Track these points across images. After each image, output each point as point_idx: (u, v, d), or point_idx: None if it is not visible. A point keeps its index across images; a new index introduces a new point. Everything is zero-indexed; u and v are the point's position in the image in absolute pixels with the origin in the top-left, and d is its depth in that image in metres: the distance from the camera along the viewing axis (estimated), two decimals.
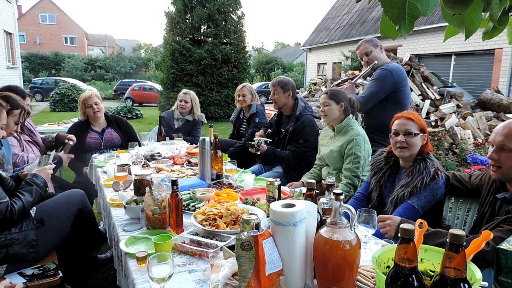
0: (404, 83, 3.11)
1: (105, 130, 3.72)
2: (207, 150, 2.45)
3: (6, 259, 1.96)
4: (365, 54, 3.21)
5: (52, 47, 38.08)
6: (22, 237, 2.01)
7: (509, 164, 1.61)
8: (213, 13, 12.85)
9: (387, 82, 3.03)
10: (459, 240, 0.85)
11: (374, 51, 3.17)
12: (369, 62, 3.20)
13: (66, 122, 6.13)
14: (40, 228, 2.09)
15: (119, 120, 3.88)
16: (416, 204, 1.92)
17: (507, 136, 1.60)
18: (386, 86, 3.04)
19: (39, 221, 2.09)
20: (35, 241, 2.06)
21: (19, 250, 1.99)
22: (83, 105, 3.61)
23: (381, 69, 3.09)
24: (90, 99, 3.60)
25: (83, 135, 3.61)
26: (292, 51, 43.23)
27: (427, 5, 0.90)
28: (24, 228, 2.04)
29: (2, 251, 1.95)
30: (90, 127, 3.68)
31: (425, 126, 2.03)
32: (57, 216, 2.18)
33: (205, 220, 1.69)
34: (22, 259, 2.02)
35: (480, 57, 11.95)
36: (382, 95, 3.05)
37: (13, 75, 15.85)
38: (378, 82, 3.06)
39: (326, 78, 12.17)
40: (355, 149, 2.63)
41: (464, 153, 6.10)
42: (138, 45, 57.27)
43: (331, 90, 2.86)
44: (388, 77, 3.03)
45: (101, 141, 3.66)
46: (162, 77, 13.65)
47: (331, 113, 2.79)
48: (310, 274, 1.22)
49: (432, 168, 1.94)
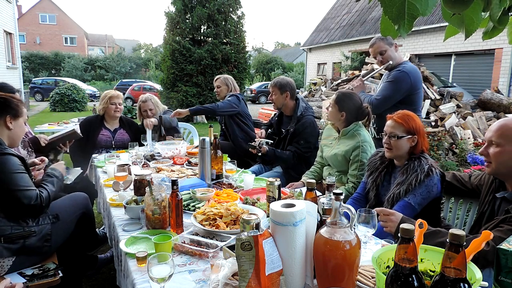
0: (419, 85, 2.97)
1: (118, 130, 3.75)
2: (207, 150, 2.45)
3: (22, 251, 1.99)
4: (379, 53, 3.03)
5: (52, 47, 38.07)
6: (38, 230, 2.06)
7: (498, 159, 1.62)
8: (213, 13, 12.85)
9: (404, 85, 2.89)
10: (459, 240, 0.85)
11: (389, 50, 3.00)
12: (383, 62, 3.03)
13: (66, 122, 6.14)
14: (55, 223, 2.14)
15: (131, 122, 3.93)
16: (412, 201, 1.93)
17: (495, 131, 1.63)
18: (402, 90, 2.90)
19: (55, 216, 2.15)
20: (49, 235, 2.10)
21: (35, 243, 2.03)
22: (108, 100, 3.63)
23: (397, 71, 2.94)
24: (117, 98, 3.67)
25: (96, 131, 3.63)
26: (292, 51, 43.24)
27: (426, 5, 0.90)
28: (41, 222, 2.09)
29: (20, 241, 1.98)
30: (103, 124, 3.71)
31: (416, 127, 2.01)
32: (66, 215, 2.23)
33: (205, 220, 1.69)
34: (36, 252, 2.06)
35: (480, 57, 11.95)
36: (397, 98, 2.91)
37: (13, 75, 15.85)
38: (394, 85, 2.92)
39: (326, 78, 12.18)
40: (362, 156, 2.61)
41: (464, 153, 6.11)
42: (138, 45, 57.31)
43: (341, 94, 2.75)
44: (405, 79, 2.88)
45: (112, 139, 3.68)
46: (162, 77, 13.65)
47: (331, 117, 2.79)
48: (310, 274, 1.22)
49: (426, 165, 1.95)
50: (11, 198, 1.93)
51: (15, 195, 1.93)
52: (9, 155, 1.99)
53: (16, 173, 1.96)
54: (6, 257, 1.94)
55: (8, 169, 1.94)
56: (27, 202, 1.95)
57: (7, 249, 1.94)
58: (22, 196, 1.94)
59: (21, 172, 2.00)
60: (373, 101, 2.94)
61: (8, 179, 1.93)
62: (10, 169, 1.95)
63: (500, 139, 1.61)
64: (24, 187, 1.96)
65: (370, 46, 3.11)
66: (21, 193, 1.94)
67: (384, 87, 2.99)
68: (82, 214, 2.36)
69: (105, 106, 3.66)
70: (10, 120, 2.13)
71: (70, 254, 2.32)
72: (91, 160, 3.31)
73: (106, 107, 3.66)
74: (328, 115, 2.80)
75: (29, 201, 1.95)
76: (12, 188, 1.92)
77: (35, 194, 1.99)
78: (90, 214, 2.47)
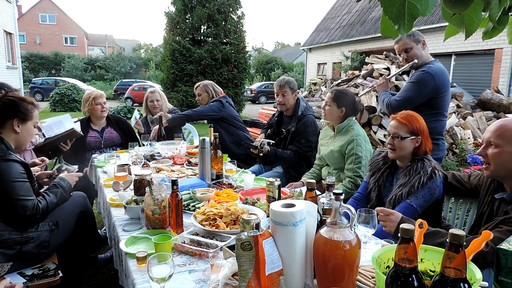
0: (445, 88, 2.71)
1: (105, 129, 3.72)
2: (207, 150, 2.45)
3: (17, 257, 1.98)
4: (404, 51, 2.78)
5: (52, 47, 38.06)
6: (36, 236, 2.04)
7: (496, 160, 1.61)
8: (213, 13, 12.85)
9: (426, 88, 2.65)
10: (459, 240, 0.85)
11: (415, 47, 2.75)
12: (408, 60, 2.79)
13: None
14: (54, 230, 2.11)
15: (118, 119, 3.88)
16: (414, 204, 1.92)
17: (493, 132, 1.62)
18: (424, 92, 2.66)
19: (54, 224, 2.12)
20: (47, 242, 2.08)
21: (31, 249, 2.02)
22: (92, 101, 3.58)
23: (421, 71, 2.70)
24: (101, 98, 3.63)
25: (84, 134, 3.61)
26: (292, 51, 43.23)
27: (426, 5, 0.90)
28: (40, 228, 2.07)
29: (16, 248, 1.97)
30: (90, 126, 3.68)
31: (420, 128, 2.00)
32: (65, 218, 2.21)
33: (205, 220, 1.69)
34: (32, 258, 2.04)
35: (480, 57, 11.95)
36: (418, 101, 2.68)
37: (13, 75, 15.86)
38: (416, 86, 2.69)
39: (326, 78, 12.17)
40: (356, 149, 2.63)
41: (464, 153, 6.11)
42: (138, 45, 57.30)
43: (336, 91, 2.75)
44: (428, 81, 2.64)
45: (101, 139, 3.66)
46: (162, 77, 13.65)
47: (330, 115, 2.79)
48: (310, 274, 1.22)
49: (429, 167, 1.94)
50: (8, 206, 1.92)
51: (12, 204, 1.91)
52: (12, 162, 1.96)
53: (16, 182, 1.93)
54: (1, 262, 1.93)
55: (9, 177, 1.92)
56: (22, 212, 1.93)
57: (3, 254, 1.93)
58: (19, 205, 1.92)
59: (22, 181, 1.97)
60: (393, 102, 2.78)
61: (7, 187, 1.91)
62: (10, 177, 1.92)
63: (498, 139, 1.60)
64: (22, 197, 1.93)
65: (395, 42, 2.85)
66: (18, 202, 1.92)
67: (406, 88, 2.79)
68: (81, 213, 2.34)
69: (90, 107, 3.59)
70: (17, 124, 2.11)
71: (70, 254, 2.31)
72: (91, 160, 3.32)
73: (91, 108, 3.59)
74: (326, 114, 2.79)
75: (24, 211, 1.93)
76: (10, 197, 1.90)
77: (31, 204, 1.96)
78: (89, 213, 2.45)
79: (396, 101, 2.77)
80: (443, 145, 2.82)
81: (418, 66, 2.79)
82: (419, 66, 2.78)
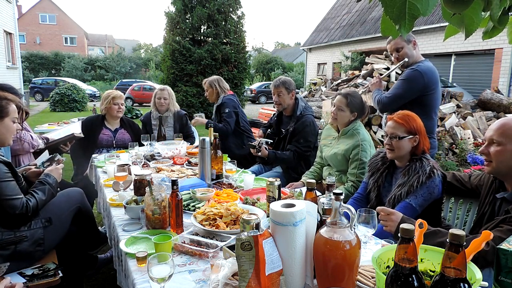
0: (434, 86, 2.80)
1: (118, 130, 3.77)
2: (207, 150, 2.45)
3: (13, 257, 1.97)
4: (396, 50, 2.88)
5: (52, 47, 38.05)
6: (30, 235, 2.03)
7: (498, 158, 1.62)
8: (213, 13, 12.86)
9: (416, 85, 2.74)
10: (459, 240, 0.85)
11: (406, 47, 2.84)
12: (399, 59, 2.88)
13: (66, 122, 6.14)
14: (48, 227, 2.10)
15: (132, 123, 3.95)
16: (413, 203, 1.93)
17: (496, 130, 1.63)
18: (413, 89, 2.74)
19: (47, 220, 2.11)
20: (42, 239, 2.07)
21: (26, 248, 2.01)
22: (111, 100, 3.64)
23: (411, 69, 2.79)
24: (120, 98, 3.70)
25: (97, 131, 3.64)
26: (292, 51, 43.25)
27: (427, 5, 0.90)
28: (33, 226, 2.06)
29: (11, 247, 1.96)
30: (104, 123, 3.72)
31: (417, 127, 2.01)
32: (59, 214, 2.20)
33: (205, 220, 1.69)
34: (28, 257, 2.03)
35: (480, 57, 11.95)
36: (408, 97, 2.77)
37: (13, 75, 15.85)
38: (406, 83, 2.78)
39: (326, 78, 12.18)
40: (361, 154, 2.62)
41: (464, 153, 6.10)
42: (138, 45, 57.30)
43: (349, 96, 2.73)
44: (417, 79, 2.73)
45: (113, 139, 3.70)
46: (162, 77, 13.67)
47: (341, 119, 2.77)
48: (310, 274, 1.22)
49: (428, 166, 1.95)
50: None
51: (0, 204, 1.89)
52: None
53: (1, 182, 1.89)
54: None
55: None
56: (12, 212, 1.91)
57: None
58: (7, 205, 1.89)
59: (6, 180, 1.93)
60: (383, 99, 2.86)
61: None
62: None
63: (501, 137, 1.60)
64: (9, 196, 1.90)
65: (387, 42, 2.98)
66: (5, 202, 1.89)
67: (396, 85, 2.87)
68: (78, 210, 2.32)
69: (107, 106, 3.66)
70: None
71: (70, 254, 2.31)
72: (91, 160, 3.32)
73: (108, 107, 3.67)
74: (338, 118, 2.76)
75: (13, 210, 1.91)
76: None
77: (20, 203, 1.93)
78: (87, 209, 2.43)
79: (386, 98, 2.87)
80: (434, 143, 2.90)
81: (408, 65, 2.87)
82: (409, 64, 2.86)
